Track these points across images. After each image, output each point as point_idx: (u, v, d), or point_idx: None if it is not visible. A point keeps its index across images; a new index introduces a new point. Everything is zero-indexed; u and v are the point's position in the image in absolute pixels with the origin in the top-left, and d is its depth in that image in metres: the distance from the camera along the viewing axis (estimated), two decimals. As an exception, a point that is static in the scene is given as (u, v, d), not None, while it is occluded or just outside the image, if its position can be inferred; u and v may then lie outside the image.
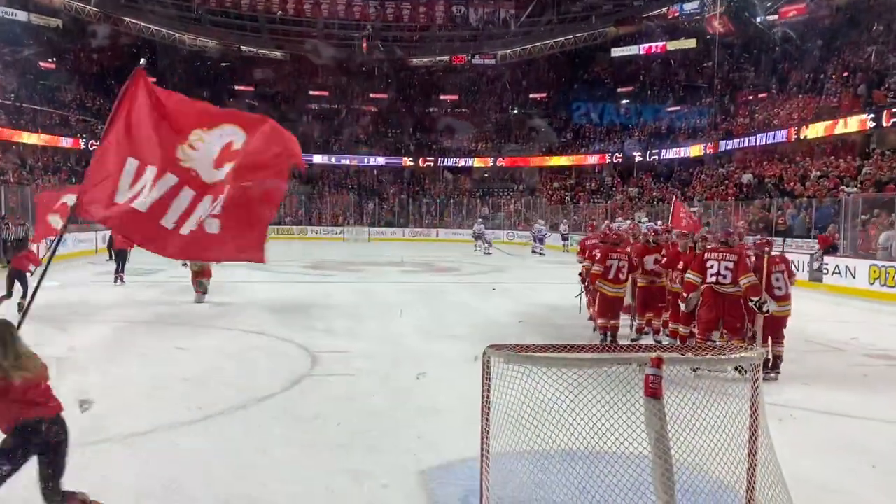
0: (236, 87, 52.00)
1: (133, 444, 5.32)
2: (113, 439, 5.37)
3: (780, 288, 7.79)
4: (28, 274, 11.64)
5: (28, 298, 4.62)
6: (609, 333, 9.37)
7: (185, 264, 16.15)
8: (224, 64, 52.60)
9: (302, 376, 7.48)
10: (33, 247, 13.43)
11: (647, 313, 9.99)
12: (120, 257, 16.18)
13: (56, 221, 12.02)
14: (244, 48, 53.92)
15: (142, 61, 4.52)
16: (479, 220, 35.15)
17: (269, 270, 20.36)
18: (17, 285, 11.37)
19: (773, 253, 8.12)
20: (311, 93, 53.33)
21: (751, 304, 7.42)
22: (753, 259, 7.97)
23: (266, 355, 8.73)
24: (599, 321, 9.59)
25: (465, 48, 54.19)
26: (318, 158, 50.02)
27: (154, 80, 4.60)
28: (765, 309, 7.40)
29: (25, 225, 21.31)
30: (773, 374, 7.57)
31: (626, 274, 9.40)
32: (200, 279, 13.49)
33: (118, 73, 48.11)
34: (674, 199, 20.37)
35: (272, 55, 55.07)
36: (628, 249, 9.81)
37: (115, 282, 15.76)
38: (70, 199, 12.82)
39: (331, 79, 53.52)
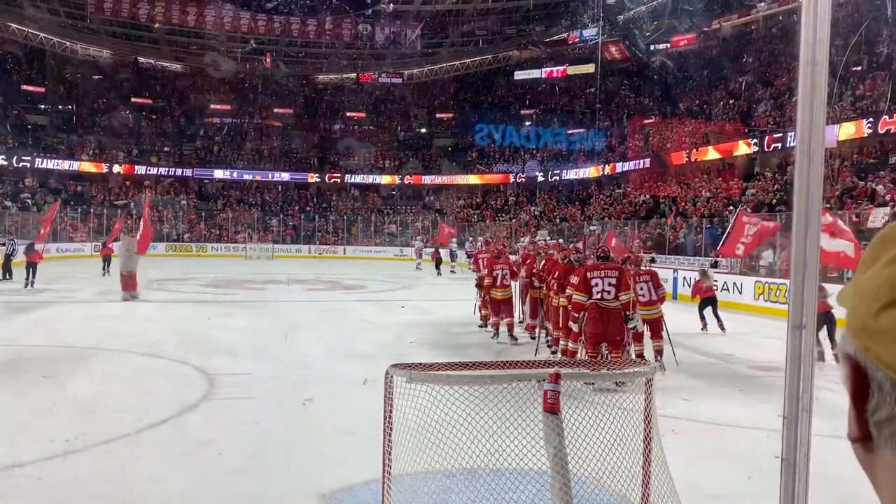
0: (133, 99, 49.99)
1: (14, 476, 4.96)
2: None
3: (643, 295, 9.03)
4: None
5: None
6: (497, 330, 11.23)
7: (105, 274, 21.44)
8: (119, 75, 50.48)
9: (199, 400, 7.20)
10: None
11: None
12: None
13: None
14: (141, 59, 51.93)
15: None
16: (419, 238, 35.12)
17: (166, 289, 19.58)
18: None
19: (643, 268, 9.64)
20: (213, 106, 51.89)
21: (625, 316, 8.07)
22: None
23: (160, 378, 8.34)
24: (492, 319, 11.45)
25: (371, 66, 54.22)
26: (219, 173, 48.59)
27: (42, 90, 4.37)
28: (630, 325, 8.20)
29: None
30: (657, 363, 8.37)
31: (509, 279, 11.26)
32: (129, 284, 15.87)
33: (0, 82, 45.36)
34: (439, 220, 24.18)
35: (171, 67, 53.33)
36: (514, 259, 12.10)
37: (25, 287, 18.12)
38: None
39: (233, 93, 52.31)
